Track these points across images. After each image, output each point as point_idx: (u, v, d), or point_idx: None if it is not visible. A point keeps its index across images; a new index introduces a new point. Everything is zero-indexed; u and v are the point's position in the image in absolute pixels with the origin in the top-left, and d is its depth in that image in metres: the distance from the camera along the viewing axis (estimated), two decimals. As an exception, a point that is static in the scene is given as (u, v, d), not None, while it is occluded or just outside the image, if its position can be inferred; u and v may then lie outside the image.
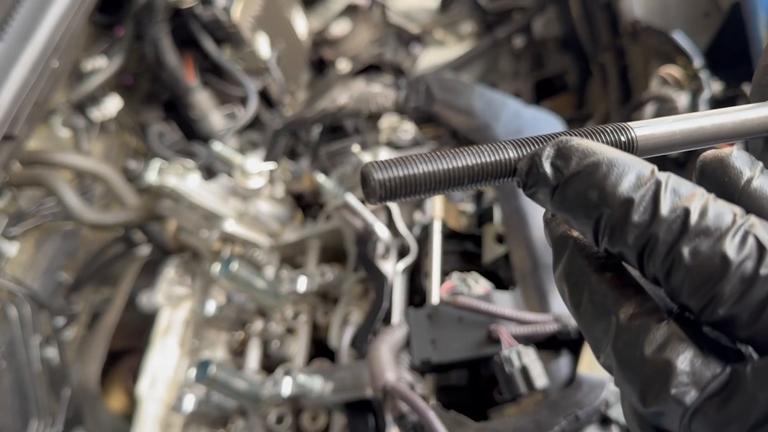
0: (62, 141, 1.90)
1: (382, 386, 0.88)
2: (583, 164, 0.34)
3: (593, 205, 0.34)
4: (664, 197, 0.32)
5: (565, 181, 0.35)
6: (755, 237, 0.31)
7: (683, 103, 1.28)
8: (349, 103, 1.40)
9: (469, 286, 1.03)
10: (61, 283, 1.80)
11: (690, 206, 0.32)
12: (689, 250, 0.31)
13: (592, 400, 0.83)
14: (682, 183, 0.33)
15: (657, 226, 0.32)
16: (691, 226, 0.32)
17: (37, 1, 1.35)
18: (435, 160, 0.36)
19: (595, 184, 0.34)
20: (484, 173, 0.37)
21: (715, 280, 0.31)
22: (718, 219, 0.32)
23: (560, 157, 0.35)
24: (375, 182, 0.36)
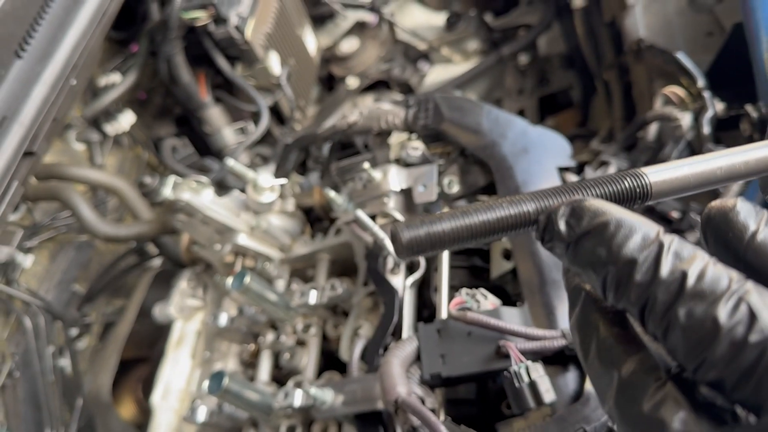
0: (77, 154, 1.94)
1: (393, 400, 0.91)
2: (593, 224, 0.37)
3: (601, 263, 0.36)
4: (665, 259, 0.34)
5: (577, 238, 0.37)
6: (748, 304, 0.32)
7: (687, 122, 1.31)
8: (359, 120, 1.44)
9: (478, 302, 1.06)
10: (74, 294, 1.83)
11: (688, 269, 0.34)
12: (684, 312, 0.33)
13: (600, 415, 0.85)
14: (685, 246, 0.35)
15: (656, 286, 0.34)
16: (688, 289, 0.33)
17: (57, 20, 1.39)
18: (458, 217, 0.40)
19: (604, 243, 0.36)
20: (504, 226, 0.40)
21: (707, 343, 0.32)
22: (714, 283, 0.33)
23: (573, 216, 0.38)
24: (403, 241, 0.39)
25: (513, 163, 1.22)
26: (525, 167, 1.22)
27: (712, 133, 1.30)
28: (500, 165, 1.23)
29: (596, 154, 1.46)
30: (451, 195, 1.30)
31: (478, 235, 0.40)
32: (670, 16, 1.67)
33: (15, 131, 1.10)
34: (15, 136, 1.09)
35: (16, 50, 1.30)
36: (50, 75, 1.20)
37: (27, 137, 1.12)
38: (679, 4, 1.68)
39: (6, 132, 1.11)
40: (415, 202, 1.32)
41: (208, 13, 1.73)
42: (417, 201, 1.31)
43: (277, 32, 1.99)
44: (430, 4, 2.53)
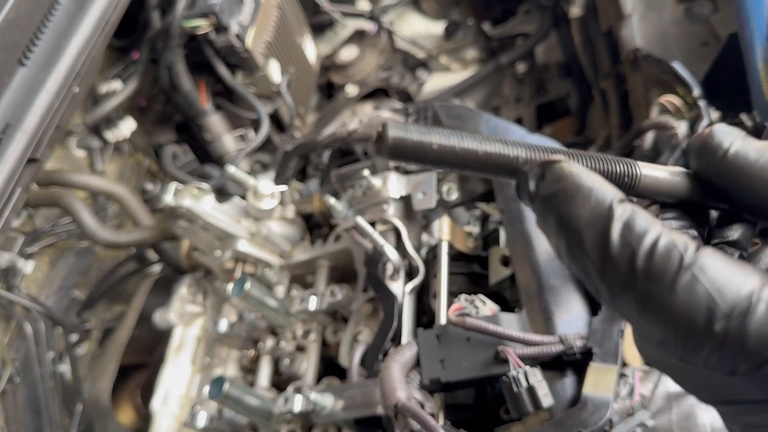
0: (77, 161, 1.95)
1: (393, 404, 0.92)
2: (552, 188, 0.37)
3: (553, 231, 0.37)
4: (613, 232, 0.34)
5: (539, 201, 0.38)
6: (704, 284, 0.32)
7: (683, 131, 1.32)
8: (359, 128, 1.45)
9: (477, 308, 1.07)
10: (74, 300, 1.84)
11: (638, 247, 0.33)
12: (636, 298, 0.34)
13: (597, 420, 0.86)
14: (638, 216, 0.35)
15: (606, 264, 0.34)
16: (638, 269, 0.33)
17: (60, 28, 1.40)
18: (448, 136, 0.39)
19: (556, 209, 0.36)
20: (489, 164, 0.40)
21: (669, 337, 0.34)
22: (665, 260, 0.33)
23: (542, 177, 0.38)
24: (389, 139, 0.38)
25: (511, 171, 1.23)
26: (523, 175, 1.23)
27: (707, 142, 1.31)
28: (498, 172, 1.25)
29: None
30: (450, 202, 1.32)
31: (462, 162, 0.39)
32: (666, 26, 1.69)
33: (19, 138, 1.11)
34: (19, 143, 1.11)
35: (20, 58, 1.32)
36: (53, 83, 1.22)
37: (30, 144, 1.14)
38: (675, 14, 1.70)
39: (10, 139, 1.12)
40: (414, 209, 1.33)
41: (210, 22, 1.74)
42: (416, 208, 1.33)
43: (278, 40, 2.01)
44: (428, 13, 2.55)
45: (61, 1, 1.43)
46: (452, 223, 1.30)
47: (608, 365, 0.91)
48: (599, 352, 0.93)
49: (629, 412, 0.92)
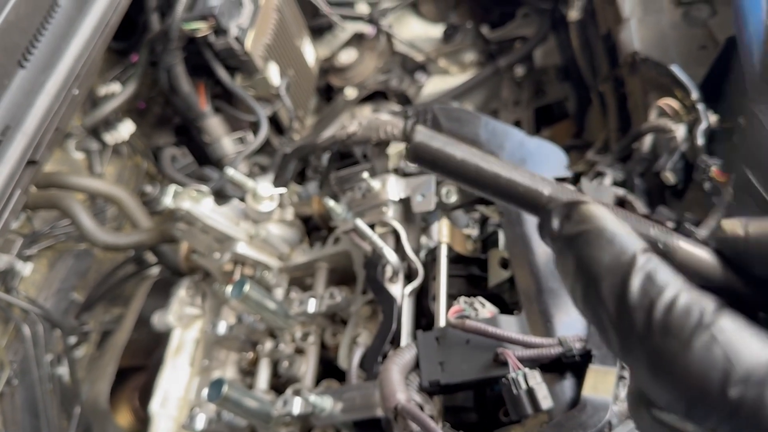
0: (76, 163, 1.95)
1: (393, 406, 0.92)
2: (575, 230, 0.36)
3: (571, 273, 0.36)
4: (634, 281, 0.33)
5: (560, 240, 0.37)
6: (722, 346, 0.31)
7: (681, 134, 1.33)
8: (358, 130, 1.45)
9: (476, 310, 1.07)
10: (72, 302, 1.84)
11: (657, 299, 0.32)
12: (652, 349, 0.32)
13: (596, 422, 0.86)
14: (660, 269, 0.33)
15: (624, 311, 0.33)
16: (656, 321, 0.32)
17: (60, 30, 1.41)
18: (475, 155, 0.39)
19: (576, 253, 0.35)
20: (511, 191, 0.39)
21: (680, 393, 0.32)
22: (684, 317, 0.31)
23: (566, 217, 0.37)
24: (414, 141, 0.38)
25: (510, 174, 1.24)
26: (522, 177, 1.23)
27: (705, 145, 1.32)
28: (498, 175, 1.25)
29: (591, 165, 1.48)
30: (449, 204, 1.32)
31: (483, 182, 0.39)
32: (665, 30, 1.69)
33: (18, 140, 1.11)
34: (18, 145, 1.11)
35: (20, 60, 1.32)
36: (53, 85, 1.22)
37: (30, 146, 1.14)
38: (673, 17, 1.70)
39: (10, 141, 1.12)
40: (414, 212, 1.33)
41: (209, 25, 1.74)
42: (415, 210, 1.33)
43: (277, 43, 2.01)
44: (427, 16, 2.55)
45: (61, 4, 1.43)
46: (451, 225, 1.30)
47: (607, 367, 0.92)
48: (598, 354, 0.93)
49: (628, 415, 0.92)
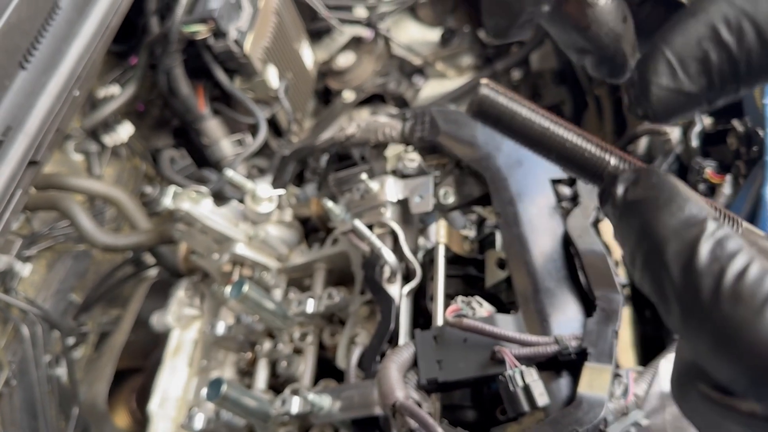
0: (75, 165, 1.96)
1: (391, 403, 0.93)
2: (644, 194, 0.35)
3: (634, 237, 0.34)
4: (703, 246, 0.31)
5: (624, 205, 0.35)
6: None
7: (676, 136, 1.35)
8: (357, 132, 1.47)
9: (473, 309, 1.09)
10: (71, 303, 1.85)
11: (728, 265, 0.30)
12: (720, 318, 0.30)
13: (592, 418, 0.87)
14: (732, 237, 0.32)
15: (690, 276, 0.31)
16: (725, 288, 0.30)
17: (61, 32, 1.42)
18: (540, 115, 0.38)
19: (645, 215, 0.33)
20: (574, 157, 0.38)
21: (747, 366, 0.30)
22: (756, 285, 0.30)
23: (635, 182, 0.36)
24: (480, 94, 0.38)
25: (507, 175, 1.25)
26: (519, 179, 1.25)
27: (700, 147, 1.33)
28: (495, 176, 1.26)
29: (588, 167, 1.50)
30: (447, 205, 1.33)
31: (546, 144, 0.38)
32: (660, 34, 1.72)
33: (20, 141, 1.12)
34: (20, 145, 1.12)
35: (21, 61, 1.33)
36: (55, 86, 1.23)
37: (32, 147, 1.15)
38: None
39: (11, 141, 1.13)
40: (411, 213, 1.35)
41: (208, 27, 1.76)
42: (413, 211, 1.34)
43: (275, 46, 2.02)
44: (425, 20, 2.57)
45: (62, 6, 1.44)
46: (449, 226, 1.31)
47: (603, 365, 0.93)
48: (594, 352, 0.94)
49: (624, 412, 0.94)
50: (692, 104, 0.37)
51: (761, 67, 0.35)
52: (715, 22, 0.35)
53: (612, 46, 0.40)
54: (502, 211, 1.22)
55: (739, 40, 0.34)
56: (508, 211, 1.21)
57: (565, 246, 1.14)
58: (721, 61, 0.35)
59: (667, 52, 0.36)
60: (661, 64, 0.36)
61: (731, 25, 0.34)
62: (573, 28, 0.39)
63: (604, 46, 0.40)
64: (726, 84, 0.36)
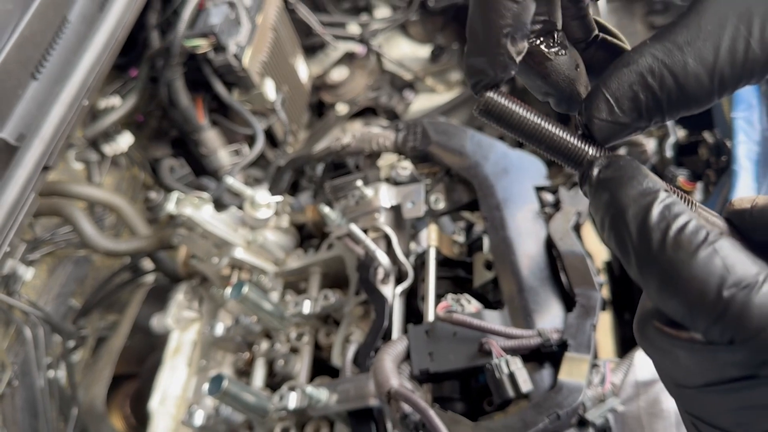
0: (75, 173, 2.02)
1: (386, 391, 1.00)
2: (613, 174, 0.44)
3: (603, 206, 0.43)
4: (655, 208, 0.40)
5: (598, 183, 0.45)
6: (722, 257, 0.38)
7: (651, 147, 1.44)
8: (352, 142, 1.54)
9: (463, 306, 1.16)
10: (70, 308, 1.89)
11: (673, 222, 0.39)
12: (663, 260, 0.39)
13: (571, 402, 0.95)
14: (678, 203, 0.41)
15: (644, 230, 0.40)
16: (669, 238, 0.39)
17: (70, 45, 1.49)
18: (535, 115, 0.48)
19: (611, 189, 0.43)
20: (560, 147, 0.47)
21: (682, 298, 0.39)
22: (692, 235, 0.39)
23: (607, 166, 0.45)
24: (485, 97, 0.47)
25: (494, 182, 1.33)
26: (505, 186, 1.33)
27: (674, 157, 1.42)
28: (483, 184, 1.35)
29: (569, 177, 1.58)
30: (438, 211, 1.41)
31: (538, 137, 0.47)
32: (638, 52, 1.81)
33: (36, 146, 1.19)
34: (36, 151, 1.18)
35: (33, 72, 1.40)
36: (67, 95, 1.30)
37: (46, 153, 1.21)
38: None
39: (27, 148, 1.20)
40: (404, 218, 1.42)
41: (209, 42, 1.83)
42: (405, 216, 1.41)
43: (273, 61, 2.10)
44: (415, 38, 2.67)
45: (71, 20, 1.52)
46: (439, 230, 1.39)
47: (582, 355, 1.00)
48: (573, 343, 1.02)
49: (601, 399, 1.01)
50: (626, 132, 0.48)
51: (679, 103, 0.45)
52: (643, 71, 0.45)
53: (568, 88, 0.51)
54: (489, 216, 1.30)
55: (661, 85, 0.45)
56: (494, 216, 1.29)
57: (547, 248, 1.22)
58: (647, 99, 0.45)
59: (606, 93, 0.46)
60: (602, 102, 0.46)
61: (654, 73, 0.45)
62: (537, 76, 0.51)
63: (562, 89, 0.51)
64: (652, 116, 0.47)
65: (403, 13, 2.48)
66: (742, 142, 1.33)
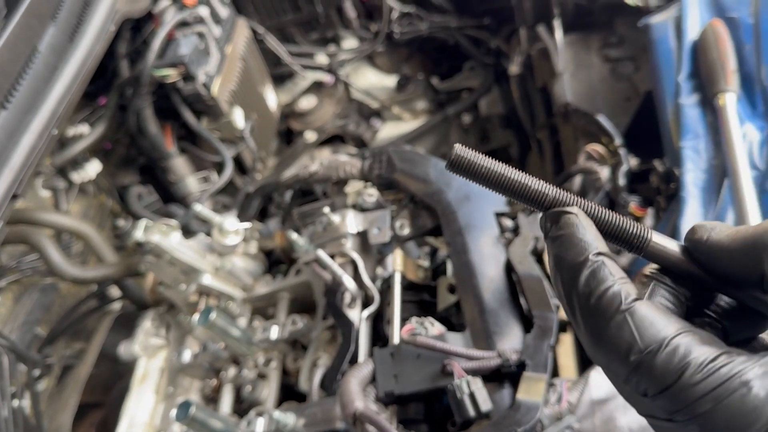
0: (43, 201, 2.01)
1: (352, 413, 1.03)
2: (554, 233, 0.49)
3: (551, 264, 0.49)
4: (582, 276, 0.46)
5: (548, 239, 0.50)
6: (630, 322, 0.43)
7: (605, 175, 1.51)
8: (320, 170, 1.59)
9: (426, 328, 1.20)
10: (36, 336, 1.87)
11: (594, 289, 0.45)
12: (584, 324, 0.45)
13: (529, 419, 0.99)
14: (603, 268, 0.46)
15: (573, 296, 0.46)
16: (591, 305, 0.45)
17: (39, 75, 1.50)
18: (500, 167, 0.51)
19: (552, 251, 0.49)
20: (524, 192, 0.51)
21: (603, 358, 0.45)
22: (609, 302, 0.44)
23: (551, 222, 0.50)
24: (454, 153, 0.51)
25: (456, 208, 1.39)
26: (467, 212, 1.38)
27: (627, 184, 1.49)
28: (445, 210, 1.40)
29: (530, 203, 1.64)
30: (403, 236, 1.45)
31: (504, 185, 0.51)
32: (594, 83, 1.90)
33: (5, 176, 1.20)
34: (6, 179, 1.19)
35: (2, 102, 1.41)
36: (37, 125, 1.31)
37: (15, 181, 1.22)
38: (601, 72, 1.91)
39: (-5, 176, 1.20)
40: (370, 243, 1.46)
41: (178, 71, 1.86)
42: (372, 242, 1.45)
43: (241, 89, 2.14)
44: (382, 68, 2.74)
45: (41, 50, 1.54)
46: (405, 255, 1.43)
47: (539, 374, 1.05)
48: (531, 363, 1.07)
49: (558, 417, 1.06)
50: None
51: None
52: None
53: None
54: (451, 241, 1.35)
55: None
56: (457, 241, 1.34)
57: (507, 271, 1.28)
58: None
59: None
60: None
61: None
62: None
63: None
64: None
65: (370, 44, 2.55)
66: (690, 170, 1.40)
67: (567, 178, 1.60)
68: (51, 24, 1.52)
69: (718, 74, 1.44)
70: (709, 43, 1.50)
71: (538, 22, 2.04)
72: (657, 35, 1.63)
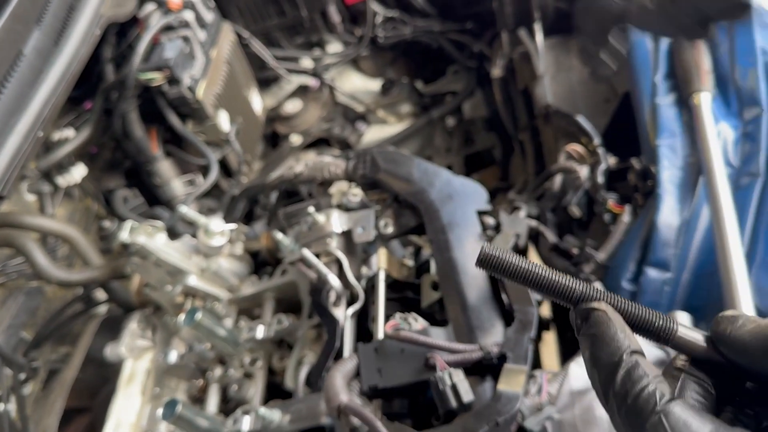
0: (28, 205, 2.01)
1: (336, 406, 1.04)
2: (586, 332, 0.53)
3: (586, 360, 0.53)
4: (618, 375, 0.49)
5: (581, 336, 0.53)
6: (665, 424, 0.46)
7: (584, 174, 1.54)
8: (305, 171, 1.60)
9: (410, 324, 1.22)
10: (22, 339, 1.87)
11: (630, 390, 0.48)
12: (623, 422, 0.48)
13: (509, 410, 1.01)
14: (638, 368, 0.49)
15: (610, 396, 0.50)
16: (628, 404, 0.48)
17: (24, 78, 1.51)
18: (527, 264, 0.54)
19: (587, 349, 0.52)
20: (553, 288, 0.54)
21: None
22: (644, 403, 0.47)
23: (583, 319, 0.53)
24: (483, 252, 0.55)
25: (439, 207, 1.41)
26: (449, 211, 1.41)
27: (605, 183, 1.53)
28: (428, 209, 1.42)
29: (512, 203, 1.67)
30: (387, 235, 1.47)
31: (532, 281, 0.54)
32: (574, 85, 1.94)
33: (-10, 176, 1.21)
34: (-10, 180, 1.20)
35: (-13, 104, 1.42)
36: (23, 126, 1.32)
37: (1, 182, 1.23)
38: (581, 75, 1.95)
39: (-19, 177, 1.21)
40: (355, 242, 1.48)
41: (164, 75, 1.88)
42: (356, 241, 1.47)
43: (227, 93, 2.16)
44: (366, 72, 2.77)
45: (26, 53, 1.55)
46: (389, 254, 1.45)
47: (519, 366, 1.07)
48: (512, 356, 1.09)
49: (539, 408, 1.08)
50: None
51: None
52: None
53: None
54: (434, 239, 1.37)
55: None
56: (440, 239, 1.36)
57: (489, 268, 1.29)
58: None
59: None
60: None
61: None
62: None
63: None
64: None
65: (355, 48, 2.57)
66: (666, 167, 1.43)
67: (548, 177, 1.63)
68: (36, 28, 1.53)
69: (693, 74, 1.48)
70: (684, 44, 1.54)
71: (520, 25, 2.07)
72: (635, 36, 1.67)
